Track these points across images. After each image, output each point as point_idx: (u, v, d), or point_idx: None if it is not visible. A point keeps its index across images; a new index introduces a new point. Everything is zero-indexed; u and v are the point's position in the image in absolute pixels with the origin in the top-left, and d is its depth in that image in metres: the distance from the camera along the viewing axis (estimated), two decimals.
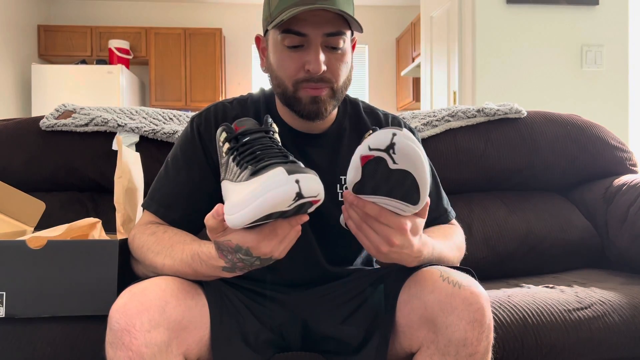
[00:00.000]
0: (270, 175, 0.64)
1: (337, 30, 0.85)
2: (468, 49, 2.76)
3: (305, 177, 0.63)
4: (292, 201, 0.63)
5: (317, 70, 0.85)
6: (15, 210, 1.15)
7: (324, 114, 0.90)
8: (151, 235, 0.88)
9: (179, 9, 5.36)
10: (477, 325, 0.74)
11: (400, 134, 0.67)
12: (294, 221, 0.70)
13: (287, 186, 0.62)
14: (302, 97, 0.88)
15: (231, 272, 0.75)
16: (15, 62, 4.49)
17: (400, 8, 5.56)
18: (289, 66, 0.87)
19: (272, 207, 0.63)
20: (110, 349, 0.70)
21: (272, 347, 0.89)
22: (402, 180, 0.69)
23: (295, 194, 0.62)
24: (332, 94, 0.89)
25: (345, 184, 0.96)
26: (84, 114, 1.44)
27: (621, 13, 2.71)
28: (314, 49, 0.85)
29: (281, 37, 0.86)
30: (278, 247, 0.71)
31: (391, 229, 0.73)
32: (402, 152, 0.67)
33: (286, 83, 0.88)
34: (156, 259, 0.84)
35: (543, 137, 1.55)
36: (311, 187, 0.64)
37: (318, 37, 0.85)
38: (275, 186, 0.62)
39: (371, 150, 0.67)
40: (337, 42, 0.86)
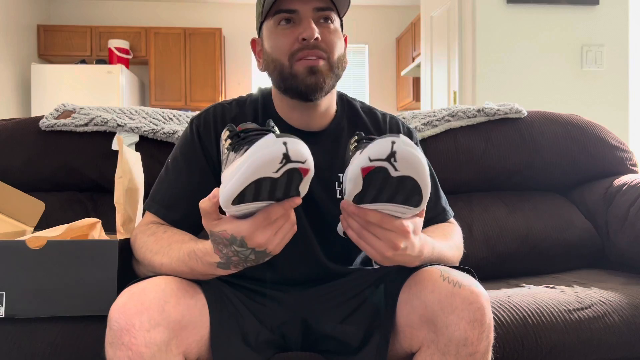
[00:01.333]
0: (259, 141, 0.64)
1: (326, 5, 0.89)
2: (468, 49, 2.76)
3: (293, 140, 0.63)
4: (279, 164, 0.62)
5: (311, 35, 0.87)
6: (15, 210, 1.14)
7: (322, 87, 0.90)
8: (151, 235, 0.88)
9: (178, 8, 5.36)
10: (477, 324, 0.74)
11: (399, 141, 0.66)
12: (287, 204, 0.69)
13: (275, 146, 0.62)
14: (299, 70, 0.89)
15: (226, 268, 0.75)
16: (15, 62, 4.49)
17: (400, 8, 5.56)
18: (283, 42, 0.89)
19: (259, 169, 0.62)
20: (110, 349, 0.70)
21: (272, 346, 0.89)
22: (404, 186, 0.68)
23: (282, 155, 0.61)
24: (329, 67, 0.90)
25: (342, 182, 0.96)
26: (84, 113, 1.44)
27: (621, 13, 2.71)
28: (306, 20, 0.88)
29: (273, 21, 0.90)
30: (273, 239, 0.70)
31: (394, 233, 0.73)
32: (403, 159, 0.66)
33: (282, 60, 0.90)
34: (154, 259, 0.84)
35: (543, 137, 1.55)
36: (299, 149, 0.63)
37: (308, 11, 0.88)
38: (262, 147, 0.62)
39: (372, 161, 0.67)
40: (328, 15, 0.90)
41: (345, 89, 1.20)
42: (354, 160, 0.73)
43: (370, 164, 0.67)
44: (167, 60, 5.06)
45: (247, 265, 0.74)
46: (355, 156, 0.74)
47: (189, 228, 0.91)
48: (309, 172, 0.66)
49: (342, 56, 0.93)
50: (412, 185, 0.68)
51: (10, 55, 4.41)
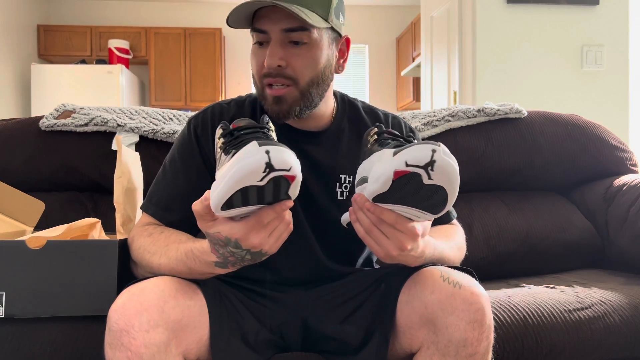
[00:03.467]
0: (243, 149, 0.63)
1: (297, 25, 0.85)
2: (468, 49, 2.76)
3: (276, 149, 0.62)
4: (262, 173, 0.62)
5: (270, 64, 0.85)
6: (15, 210, 1.14)
7: (287, 115, 0.89)
8: (148, 236, 0.88)
9: (179, 9, 5.36)
10: (477, 325, 0.74)
11: (440, 151, 0.65)
12: (278, 207, 0.68)
13: (257, 156, 0.61)
14: (267, 96, 0.89)
15: (223, 267, 0.75)
16: (15, 62, 4.49)
17: (400, 8, 5.55)
18: (255, 62, 0.90)
19: (243, 179, 0.62)
20: (109, 350, 0.70)
21: (271, 347, 0.89)
22: (432, 194, 0.67)
23: (265, 164, 0.61)
24: (297, 93, 0.88)
25: (344, 182, 0.96)
26: (84, 113, 1.43)
27: (621, 13, 2.71)
28: (272, 44, 0.86)
29: (253, 37, 0.89)
30: (267, 240, 0.70)
31: (404, 235, 0.73)
32: (441, 170, 0.65)
33: (257, 80, 0.91)
34: (152, 259, 0.84)
35: (543, 137, 1.55)
36: (281, 158, 0.62)
37: (277, 33, 0.86)
38: (246, 157, 0.62)
39: (408, 166, 0.65)
40: (299, 37, 0.86)
41: (345, 89, 1.19)
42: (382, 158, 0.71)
43: (405, 168, 0.65)
44: (167, 60, 5.06)
45: (244, 264, 0.74)
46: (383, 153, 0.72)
47: (186, 229, 0.90)
48: (296, 178, 0.65)
49: (322, 71, 0.89)
50: (441, 195, 0.68)
51: (10, 55, 4.41)
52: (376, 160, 0.74)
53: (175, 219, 0.92)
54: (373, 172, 0.71)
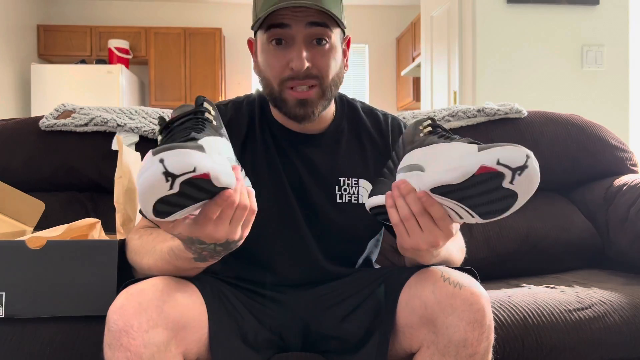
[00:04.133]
0: (143, 161, 0.59)
1: (321, 19, 0.83)
2: (468, 48, 2.76)
3: (171, 153, 0.56)
4: (166, 182, 0.57)
5: (300, 67, 0.83)
6: (15, 210, 1.14)
7: (311, 117, 0.88)
8: (138, 239, 0.88)
9: (179, 8, 5.36)
10: (477, 325, 0.74)
11: (533, 158, 0.63)
12: (218, 200, 0.64)
13: (153, 168, 0.56)
14: (288, 99, 0.86)
15: (203, 261, 0.74)
16: (15, 62, 4.49)
17: (400, 8, 5.55)
18: (274, 65, 0.86)
19: (151, 193, 0.57)
20: (108, 350, 0.70)
21: (271, 346, 0.89)
22: (500, 200, 0.64)
23: (163, 174, 0.56)
24: (320, 94, 0.87)
25: (343, 185, 0.95)
26: (84, 113, 1.43)
27: (621, 13, 2.71)
28: (297, 45, 0.83)
29: (267, 36, 0.85)
30: (230, 230, 0.67)
31: (441, 232, 0.72)
32: (528, 177, 0.62)
33: (273, 83, 0.87)
34: (142, 261, 0.84)
35: (543, 137, 1.55)
36: (178, 162, 0.56)
37: (301, 28, 0.83)
38: (144, 170, 0.57)
39: (498, 164, 0.62)
40: (322, 33, 0.84)
41: (345, 89, 1.19)
42: (458, 149, 0.67)
43: (495, 166, 0.62)
44: (167, 60, 5.06)
45: (222, 255, 0.73)
46: (458, 146, 0.67)
47: None
48: (211, 174, 0.59)
49: (339, 72, 0.89)
50: (508, 203, 0.65)
51: (10, 55, 4.41)
52: (446, 151, 0.69)
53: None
54: (444, 161, 0.67)
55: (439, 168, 0.67)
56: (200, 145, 0.60)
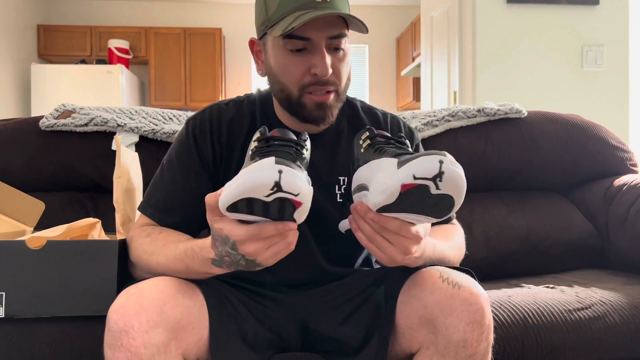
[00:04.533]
0: (261, 161, 0.64)
1: (339, 32, 0.85)
2: (468, 48, 2.76)
3: (290, 171, 0.62)
4: (270, 190, 0.62)
5: (325, 74, 0.84)
6: (15, 210, 1.14)
7: (330, 119, 0.90)
8: (146, 237, 0.88)
9: (179, 9, 5.36)
10: (476, 326, 0.74)
11: (447, 161, 0.65)
12: (280, 226, 0.67)
13: (269, 172, 0.62)
14: (308, 103, 0.88)
15: (219, 266, 0.74)
16: (15, 62, 4.49)
17: (400, 8, 5.56)
18: (293, 71, 0.86)
19: (250, 190, 0.62)
20: (108, 350, 0.70)
21: (271, 347, 0.89)
22: (440, 202, 0.67)
23: (274, 183, 0.61)
24: (337, 97, 0.89)
25: (343, 184, 0.95)
26: (84, 113, 1.44)
27: (621, 13, 2.71)
28: (320, 52, 0.84)
29: (283, 42, 0.85)
30: (263, 252, 0.69)
31: (408, 239, 0.73)
32: (449, 180, 0.65)
33: (291, 88, 0.88)
34: (150, 259, 0.84)
35: (543, 137, 1.55)
36: (292, 181, 0.62)
37: (322, 40, 0.84)
38: (259, 170, 0.62)
39: (416, 179, 0.65)
40: (339, 43, 0.86)
41: None
42: (384, 167, 0.71)
43: (413, 181, 0.65)
44: (167, 60, 5.06)
45: (238, 269, 0.73)
46: (384, 162, 0.72)
47: (184, 231, 0.90)
48: (302, 205, 0.65)
49: (348, 80, 0.92)
50: (448, 202, 0.68)
51: (10, 55, 4.41)
52: (377, 170, 0.73)
53: (173, 221, 0.92)
54: (376, 183, 0.71)
55: (375, 189, 0.71)
56: (308, 177, 0.66)
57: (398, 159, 0.69)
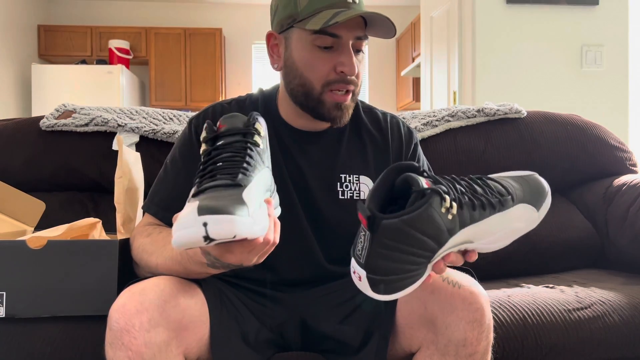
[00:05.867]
0: (186, 212, 0.61)
1: (364, 34, 0.88)
2: (468, 49, 2.76)
3: (215, 219, 0.58)
4: (204, 242, 0.60)
5: (352, 72, 0.87)
6: (15, 210, 1.15)
7: (345, 119, 0.91)
8: (147, 237, 0.88)
9: (179, 9, 5.36)
10: (476, 325, 0.74)
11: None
12: (246, 244, 0.66)
13: (194, 228, 0.59)
14: (328, 101, 0.88)
15: (215, 268, 0.75)
16: (15, 62, 4.49)
17: (400, 8, 5.55)
18: (320, 67, 0.87)
19: (188, 245, 0.61)
20: (110, 349, 0.70)
21: (271, 346, 0.89)
22: None
23: (203, 238, 0.59)
24: (353, 98, 0.91)
25: (345, 182, 0.95)
26: (84, 114, 1.44)
27: (621, 13, 2.71)
28: (347, 50, 0.86)
29: (312, 38, 0.86)
30: (247, 258, 0.68)
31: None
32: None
33: (314, 84, 0.88)
34: (150, 259, 0.84)
35: (543, 137, 1.55)
36: (221, 230, 0.59)
37: (350, 39, 0.86)
38: (185, 226, 0.59)
39: None
40: (362, 45, 0.89)
41: None
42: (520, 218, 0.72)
43: None
44: (167, 61, 5.06)
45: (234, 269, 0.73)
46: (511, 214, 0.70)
47: None
48: (247, 238, 0.62)
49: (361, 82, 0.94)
50: None
51: (11, 56, 4.41)
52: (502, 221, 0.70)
53: None
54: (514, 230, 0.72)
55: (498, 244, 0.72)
56: (244, 207, 0.61)
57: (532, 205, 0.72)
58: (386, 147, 0.99)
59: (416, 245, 0.64)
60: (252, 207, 0.63)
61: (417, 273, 0.67)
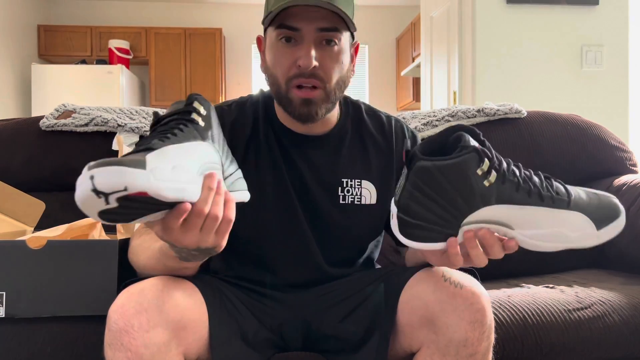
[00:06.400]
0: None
1: (331, 25, 0.84)
2: (468, 49, 2.76)
3: (101, 171, 0.54)
4: (99, 199, 0.55)
5: (308, 65, 0.82)
6: (15, 210, 1.15)
7: (315, 117, 0.87)
8: (138, 238, 0.89)
9: (179, 9, 5.36)
10: (478, 325, 0.74)
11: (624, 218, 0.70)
12: (176, 212, 0.62)
13: (84, 184, 0.55)
14: (294, 98, 0.86)
15: (187, 261, 0.74)
16: (15, 62, 4.49)
17: (400, 8, 5.56)
18: (282, 63, 0.86)
19: (88, 207, 0.57)
20: (109, 350, 0.70)
21: (271, 346, 0.89)
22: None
23: (92, 191, 0.54)
24: (324, 97, 0.86)
25: (346, 186, 0.94)
26: (84, 114, 1.44)
27: (621, 13, 2.71)
28: (306, 44, 0.83)
29: (276, 33, 0.85)
30: (202, 238, 0.66)
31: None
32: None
33: (280, 80, 0.87)
34: (138, 260, 0.85)
35: (543, 137, 1.55)
36: (108, 181, 0.54)
37: (311, 32, 0.83)
38: (78, 184, 0.56)
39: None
40: (331, 36, 0.84)
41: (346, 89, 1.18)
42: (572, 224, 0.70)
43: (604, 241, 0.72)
44: (167, 61, 5.06)
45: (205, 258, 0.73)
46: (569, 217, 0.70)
47: None
48: (148, 193, 0.55)
49: (344, 76, 0.89)
50: None
51: (11, 55, 4.41)
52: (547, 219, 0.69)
53: None
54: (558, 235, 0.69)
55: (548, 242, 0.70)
56: (141, 161, 0.56)
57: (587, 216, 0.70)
58: (390, 151, 0.98)
59: (445, 197, 0.65)
60: (158, 165, 0.57)
61: (445, 231, 0.67)
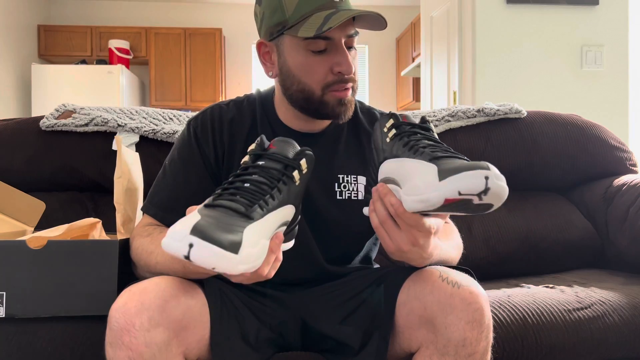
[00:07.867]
0: (184, 221, 0.62)
1: (355, 30, 0.89)
2: (468, 49, 2.76)
3: (201, 245, 0.58)
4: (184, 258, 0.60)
5: (350, 71, 0.87)
6: (15, 210, 1.15)
7: (349, 113, 0.92)
8: (147, 236, 0.88)
9: (179, 9, 5.36)
10: (476, 325, 0.74)
11: (492, 176, 0.63)
12: (233, 277, 0.68)
13: (180, 244, 0.59)
14: (330, 100, 0.89)
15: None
16: (15, 62, 4.49)
17: (400, 8, 5.55)
18: (317, 71, 0.87)
19: (171, 254, 0.61)
20: (110, 349, 0.71)
21: (272, 346, 0.89)
22: (477, 209, 0.66)
23: (184, 256, 0.59)
24: (353, 93, 0.92)
25: (343, 182, 0.96)
26: (84, 114, 1.44)
27: (621, 13, 2.71)
28: (342, 50, 0.87)
29: (306, 43, 0.86)
30: (242, 281, 0.69)
31: (419, 232, 0.73)
32: (494, 194, 0.63)
33: (313, 88, 0.88)
34: (150, 258, 0.85)
35: (543, 137, 1.55)
36: (202, 258, 0.59)
37: (342, 39, 0.87)
38: (174, 237, 0.60)
39: (461, 195, 0.63)
40: (353, 42, 0.90)
41: None
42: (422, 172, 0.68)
43: (458, 197, 0.64)
44: (167, 61, 5.06)
45: None
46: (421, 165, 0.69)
47: None
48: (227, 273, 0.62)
49: None
50: (486, 209, 0.67)
51: (11, 55, 4.41)
52: (412, 172, 0.71)
53: (176, 219, 0.92)
54: (413, 188, 0.69)
55: (411, 195, 0.69)
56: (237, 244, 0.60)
57: (438, 167, 0.67)
58: None
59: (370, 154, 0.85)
60: (249, 244, 0.62)
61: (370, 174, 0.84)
